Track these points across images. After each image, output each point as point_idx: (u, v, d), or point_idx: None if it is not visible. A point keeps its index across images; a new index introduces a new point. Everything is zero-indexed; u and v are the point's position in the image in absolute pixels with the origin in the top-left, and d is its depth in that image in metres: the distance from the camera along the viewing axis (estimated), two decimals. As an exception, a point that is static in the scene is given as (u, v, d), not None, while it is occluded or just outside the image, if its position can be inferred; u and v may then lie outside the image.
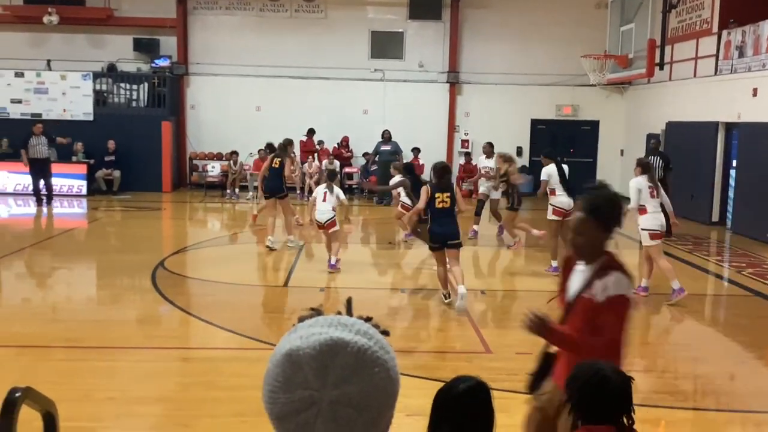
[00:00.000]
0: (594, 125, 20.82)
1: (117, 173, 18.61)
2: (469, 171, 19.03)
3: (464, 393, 2.42)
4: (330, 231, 10.13)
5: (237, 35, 20.13)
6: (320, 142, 19.57)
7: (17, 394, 2.53)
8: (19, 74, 18.80)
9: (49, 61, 19.40)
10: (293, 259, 11.12)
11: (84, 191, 18.03)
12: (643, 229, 8.59)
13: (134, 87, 19.78)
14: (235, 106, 19.95)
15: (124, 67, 19.95)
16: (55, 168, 17.26)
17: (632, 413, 2.59)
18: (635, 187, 8.62)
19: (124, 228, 14.91)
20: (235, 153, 19.10)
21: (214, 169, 19.85)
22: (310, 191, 18.67)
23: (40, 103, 18.81)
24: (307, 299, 8.91)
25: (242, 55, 19.87)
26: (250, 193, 18.67)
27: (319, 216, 10.11)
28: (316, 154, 19.29)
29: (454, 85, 20.38)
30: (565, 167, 10.40)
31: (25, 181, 17.51)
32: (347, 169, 19.68)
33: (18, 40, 19.72)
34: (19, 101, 18.81)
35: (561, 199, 9.98)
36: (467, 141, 20.48)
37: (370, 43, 20.35)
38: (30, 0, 19.39)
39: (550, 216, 10.14)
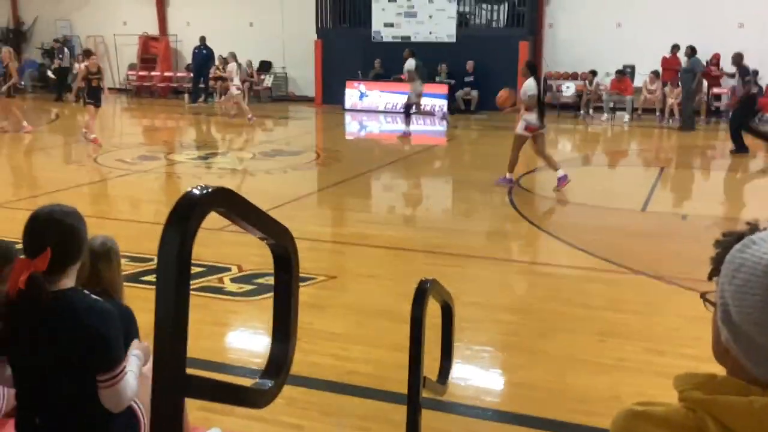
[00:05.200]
0: None
1: (475, 93, 19.25)
2: None
3: None
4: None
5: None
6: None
7: (427, 285, 2.75)
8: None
9: (418, -15, 20.47)
10: (651, 183, 10.57)
11: (445, 110, 19.00)
12: None
13: (495, 7, 20.05)
14: (594, 24, 19.19)
15: (486, -12, 20.30)
16: (420, 87, 18.42)
17: None
18: None
19: (480, 146, 15.44)
20: (592, 72, 18.52)
21: (569, 89, 19.49)
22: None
23: (409, 26, 20.05)
24: (668, 225, 8.44)
25: (606, -31, 18.94)
26: (605, 116, 18.04)
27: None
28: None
29: None
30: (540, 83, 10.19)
31: (394, 99, 19.02)
32: (715, 90, 17.95)
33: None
34: (391, 25, 20.26)
35: (533, 116, 9.78)
36: None
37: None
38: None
39: (521, 131, 9.92)
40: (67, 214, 2.45)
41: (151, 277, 5.58)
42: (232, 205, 1.24)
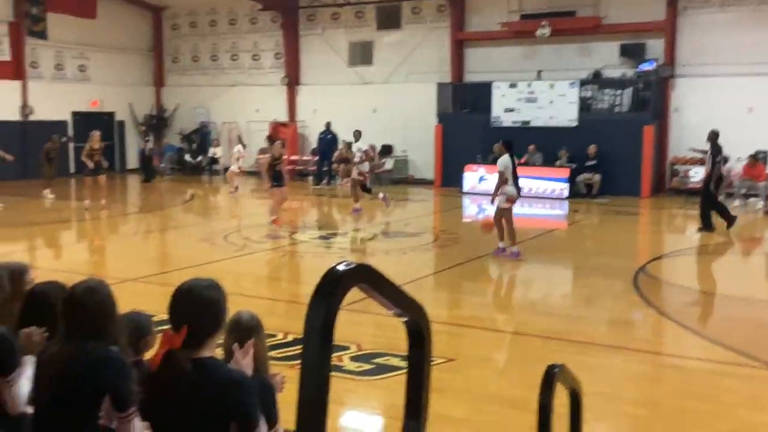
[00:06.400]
0: None
1: (597, 177, 18.95)
2: None
3: None
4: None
5: (730, 32, 18.78)
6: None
7: (555, 370, 2.71)
8: (513, 85, 20.42)
9: (539, 71, 20.67)
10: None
11: (565, 194, 18.77)
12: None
13: (618, 92, 19.90)
14: (723, 108, 18.61)
15: (609, 74, 20.23)
16: (539, 171, 18.39)
17: None
18: None
19: (602, 231, 15.09)
20: (724, 158, 17.86)
21: (697, 174, 18.82)
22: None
23: (529, 111, 20.17)
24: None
25: (735, 53, 18.49)
26: (737, 202, 17.27)
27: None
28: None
29: None
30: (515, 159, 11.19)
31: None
32: None
33: (513, 54, 21.48)
34: (511, 110, 20.45)
35: (511, 188, 10.83)
36: None
37: None
38: (526, 15, 20.95)
39: (503, 204, 10.86)
40: (207, 288, 2.60)
41: (277, 353, 5.73)
42: (372, 280, 1.30)
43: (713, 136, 13.71)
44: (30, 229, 14.19)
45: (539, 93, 20.07)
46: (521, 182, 18.53)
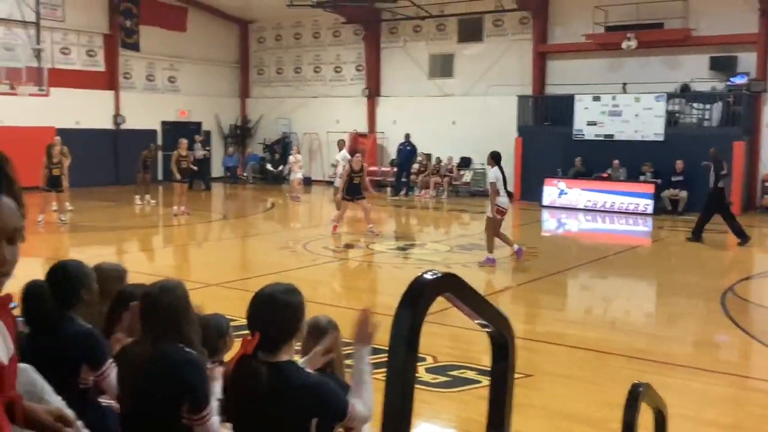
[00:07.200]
0: None
1: (683, 193, 18.38)
2: None
3: None
4: None
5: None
6: None
7: (640, 389, 2.65)
8: (596, 98, 20.04)
9: (624, 84, 20.22)
10: None
11: (650, 210, 18.27)
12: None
13: (707, 106, 19.27)
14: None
15: (697, 87, 19.62)
16: (623, 186, 17.99)
17: None
18: None
19: (688, 249, 14.59)
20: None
21: (791, 193, 18.05)
22: None
23: (613, 125, 19.74)
24: None
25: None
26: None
27: None
28: None
29: None
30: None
31: (596, 198, 18.70)
32: None
33: (597, 66, 21.09)
34: (594, 123, 20.07)
35: (503, 199, 11.18)
36: None
37: None
38: (611, 27, 20.56)
39: (493, 214, 11.13)
40: (285, 293, 2.66)
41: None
42: (458, 290, 1.30)
43: (716, 153, 14.17)
44: (120, 234, 14.77)
45: (624, 106, 19.63)
46: (605, 197, 18.50)
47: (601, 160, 19.42)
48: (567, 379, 6.16)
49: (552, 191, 19.88)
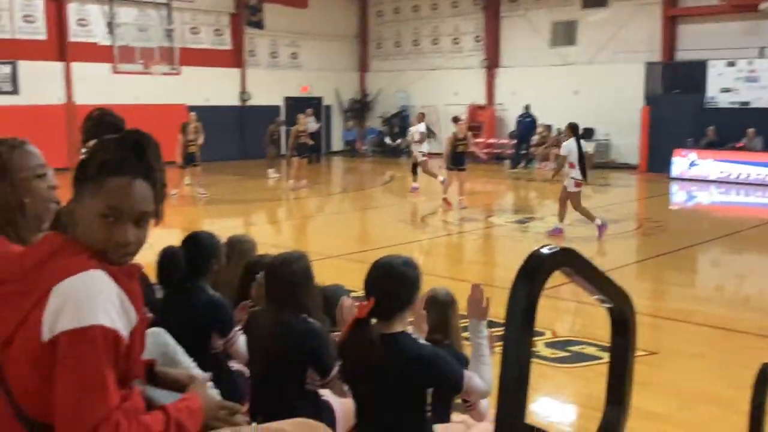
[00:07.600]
0: None
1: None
2: None
3: None
4: None
5: None
6: None
7: None
8: (731, 63, 18.89)
9: (762, 48, 18.94)
10: None
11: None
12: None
13: None
14: None
15: None
16: (759, 157, 16.95)
17: None
18: None
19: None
20: None
21: None
22: None
23: (750, 91, 18.57)
24: None
25: None
26: None
27: None
28: None
29: None
30: (583, 142, 11.02)
31: (730, 169, 17.75)
32: None
33: (731, 30, 19.82)
34: (728, 90, 18.94)
35: (577, 172, 10.61)
36: None
37: None
38: (749, -13, 19.25)
39: (573, 188, 10.73)
40: (402, 264, 2.69)
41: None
42: (576, 265, 1.28)
43: None
44: (248, 206, 15.37)
45: (762, 72, 18.41)
46: (739, 168, 17.46)
47: (735, 129, 18.30)
48: (694, 358, 5.93)
49: (682, 162, 18.98)
